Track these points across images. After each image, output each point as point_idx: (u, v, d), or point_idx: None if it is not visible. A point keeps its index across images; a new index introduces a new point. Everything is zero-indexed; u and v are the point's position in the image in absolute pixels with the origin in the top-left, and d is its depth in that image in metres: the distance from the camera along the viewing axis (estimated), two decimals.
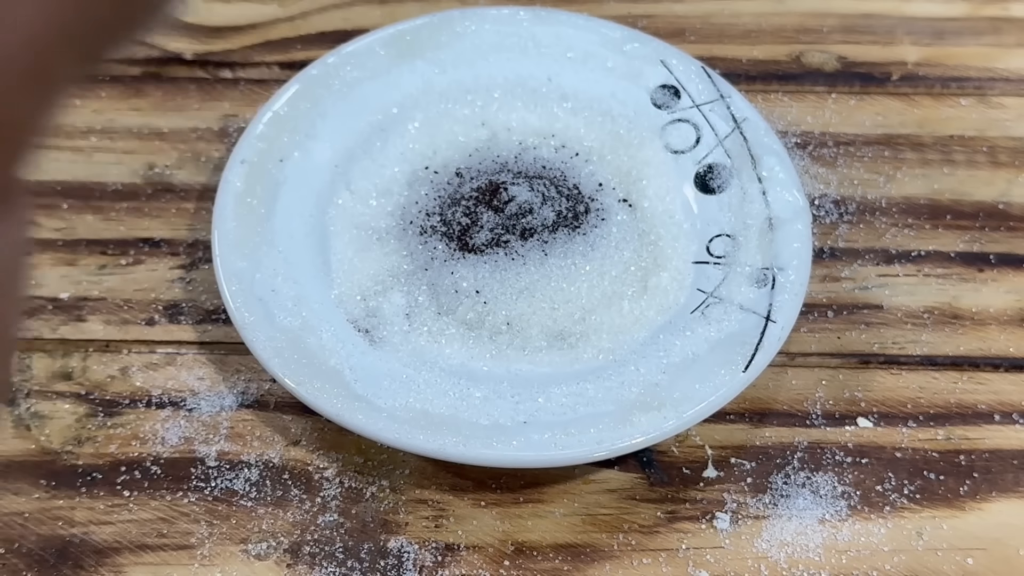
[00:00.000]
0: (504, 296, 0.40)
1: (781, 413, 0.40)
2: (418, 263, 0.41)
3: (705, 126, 0.45)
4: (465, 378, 0.38)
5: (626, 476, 0.38)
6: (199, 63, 0.50)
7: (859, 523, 0.37)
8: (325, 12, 0.52)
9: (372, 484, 0.38)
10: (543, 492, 0.38)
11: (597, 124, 0.46)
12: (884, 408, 0.40)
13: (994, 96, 0.50)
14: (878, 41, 0.52)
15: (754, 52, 0.51)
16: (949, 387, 0.41)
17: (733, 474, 0.38)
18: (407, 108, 0.46)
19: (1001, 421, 0.40)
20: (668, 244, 0.42)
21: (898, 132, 0.48)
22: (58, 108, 0.17)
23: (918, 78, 0.50)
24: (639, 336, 0.40)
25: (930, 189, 0.47)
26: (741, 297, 0.40)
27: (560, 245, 0.42)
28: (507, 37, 0.47)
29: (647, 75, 0.46)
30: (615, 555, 0.36)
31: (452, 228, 0.42)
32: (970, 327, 0.43)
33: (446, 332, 0.40)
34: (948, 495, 0.38)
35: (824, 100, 0.49)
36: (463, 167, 0.45)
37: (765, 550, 0.37)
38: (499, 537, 0.37)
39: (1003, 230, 0.45)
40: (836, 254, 0.44)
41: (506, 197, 0.43)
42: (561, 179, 0.44)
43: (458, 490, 0.38)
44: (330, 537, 0.36)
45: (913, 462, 0.39)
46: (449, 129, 0.45)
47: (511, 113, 0.46)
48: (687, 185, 0.44)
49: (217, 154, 0.46)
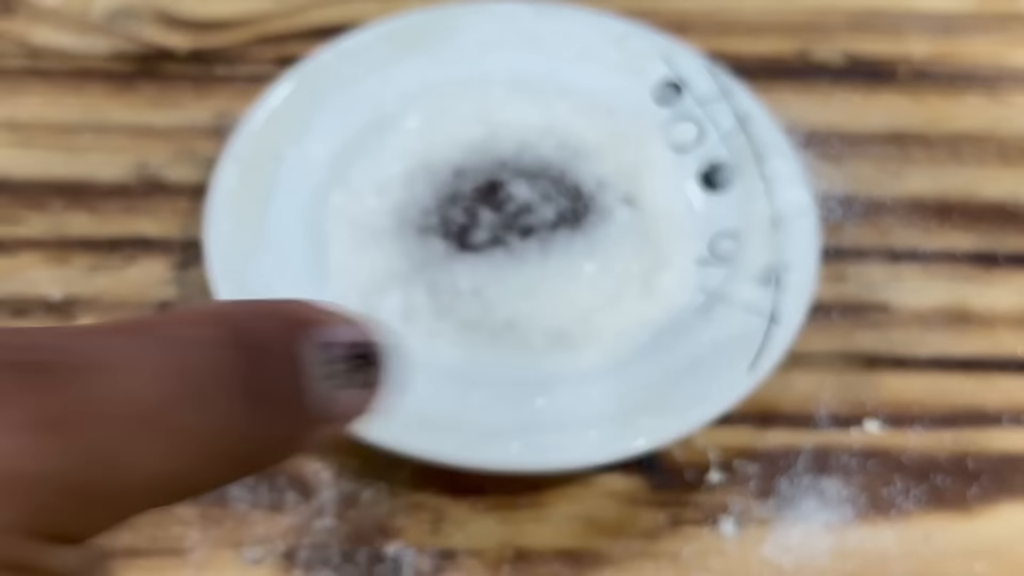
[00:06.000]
0: (504, 296, 0.40)
1: (786, 416, 0.39)
2: (416, 262, 0.41)
3: (708, 123, 0.44)
4: (464, 380, 0.38)
5: (628, 480, 0.38)
6: (193, 59, 0.49)
7: (866, 527, 0.37)
8: (321, 7, 0.51)
9: (369, 488, 0.37)
10: (543, 496, 0.37)
11: (598, 121, 0.45)
12: (891, 410, 0.40)
13: (1003, 93, 0.49)
14: (885, 37, 0.51)
15: (759, 48, 0.51)
16: (957, 389, 0.40)
17: (737, 478, 0.38)
18: (405, 105, 0.45)
19: (1010, 424, 0.40)
20: (670, 243, 0.42)
21: (906, 129, 0.48)
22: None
23: (926, 75, 0.50)
24: (641, 337, 0.39)
25: (938, 187, 0.46)
26: (745, 297, 0.39)
27: (560, 244, 0.41)
28: (507, 32, 0.46)
29: (649, 71, 0.46)
30: (617, 560, 0.36)
31: (450, 227, 0.42)
32: (979, 327, 0.42)
33: (444, 333, 0.39)
34: (956, 499, 0.38)
35: (830, 97, 0.49)
36: (462, 165, 0.44)
37: (770, 555, 0.36)
38: (498, 542, 0.36)
39: (1012, 229, 0.45)
40: (842, 253, 0.44)
41: (505, 195, 0.42)
42: (561, 177, 0.44)
43: (456, 494, 0.37)
44: (326, 542, 0.36)
45: (921, 465, 0.38)
46: (448, 126, 0.45)
47: (511, 110, 0.45)
48: (690, 183, 0.43)
49: (211, 151, 0.46)
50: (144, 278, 0.42)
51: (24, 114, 0.47)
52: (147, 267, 0.42)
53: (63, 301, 0.41)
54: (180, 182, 0.45)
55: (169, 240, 0.43)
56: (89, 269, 0.42)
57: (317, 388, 0.16)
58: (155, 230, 0.43)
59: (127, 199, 0.44)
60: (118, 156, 0.46)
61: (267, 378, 0.16)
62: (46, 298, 0.41)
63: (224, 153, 0.42)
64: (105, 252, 0.43)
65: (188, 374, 0.15)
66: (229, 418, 0.15)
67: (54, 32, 0.50)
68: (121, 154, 0.46)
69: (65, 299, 0.41)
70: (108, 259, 0.43)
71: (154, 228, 0.43)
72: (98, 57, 0.49)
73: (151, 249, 0.43)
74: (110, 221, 0.44)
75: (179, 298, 0.42)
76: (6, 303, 0.41)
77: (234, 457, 0.15)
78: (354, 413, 0.17)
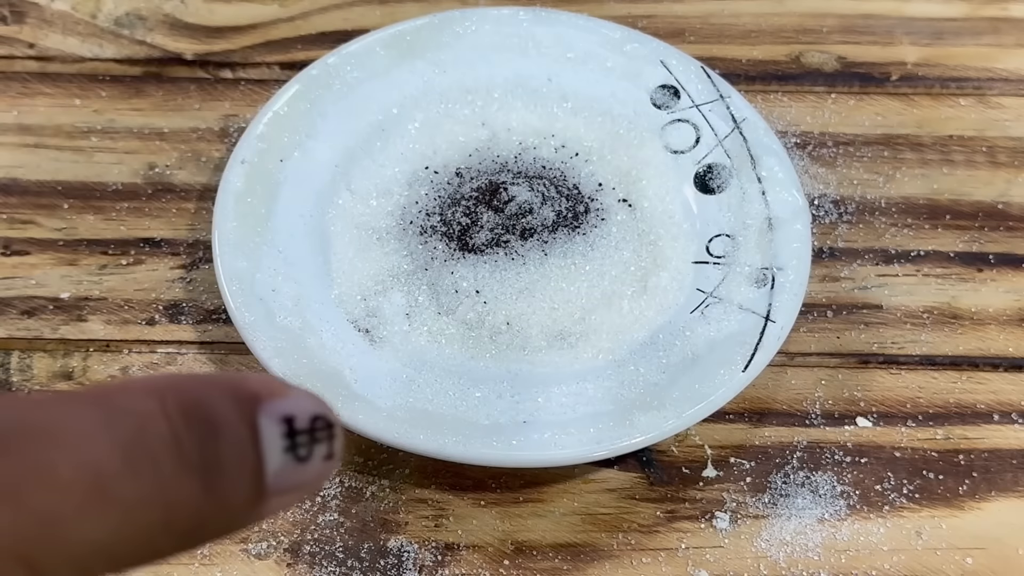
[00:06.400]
0: (504, 296, 0.41)
1: (780, 413, 0.40)
2: (418, 263, 0.41)
3: (705, 126, 0.45)
4: (465, 378, 0.38)
5: (626, 476, 0.38)
6: (200, 63, 0.50)
7: (858, 522, 0.37)
8: (326, 12, 0.52)
9: (372, 483, 0.38)
10: (543, 491, 0.38)
11: (597, 124, 0.46)
12: (883, 408, 0.40)
13: (993, 96, 0.50)
14: (877, 41, 0.52)
15: (754, 52, 0.51)
16: (948, 387, 0.41)
17: (732, 474, 0.38)
18: (407, 108, 0.46)
19: (1000, 421, 0.40)
20: (668, 244, 0.42)
21: (897, 132, 0.48)
22: None
23: (917, 78, 0.50)
24: (639, 336, 0.40)
25: (929, 189, 0.47)
26: (740, 297, 0.40)
27: (560, 245, 0.42)
28: (507, 37, 0.47)
29: (647, 75, 0.46)
30: (615, 554, 0.36)
31: (452, 228, 0.42)
32: (969, 327, 0.43)
33: (446, 332, 0.40)
34: (947, 495, 0.38)
35: (823, 100, 0.49)
36: (463, 167, 0.45)
37: (764, 549, 0.37)
38: (499, 536, 0.37)
39: (1002, 230, 0.45)
40: (835, 254, 0.44)
41: (506, 197, 0.43)
42: (561, 179, 0.44)
43: (458, 489, 0.38)
44: (330, 536, 0.36)
45: (912, 462, 0.39)
46: (449, 129, 0.45)
47: (511, 113, 0.46)
48: (687, 185, 0.44)
49: (218, 154, 0.46)
50: (152, 278, 0.43)
51: (33, 117, 0.47)
52: (155, 267, 0.43)
53: (72, 301, 0.42)
54: (187, 184, 0.45)
55: (177, 241, 0.44)
56: (98, 269, 0.43)
57: (276, 461, 0.16)
58: (163, 231, 0.44)
59: (135, 201, 0.45)
60: (126, 158, 0.46)
61: (221, 451, 0.15)
62: (56, 298, 0.42)
63: (231, 155, 0.42)
64: (113, 253, 0.43)
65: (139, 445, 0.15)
66: (180, 490, 0.15)
67: (63, 36, 0.50)
68: (129, 156, 0.46)
69: (74, 299, 0.42)
70: (117, 259, 0.43)
71: (162, 229, 0.44)
72: (107, 61, 0.49)
73: (159, 250, 0.43)
74: (118, 222, 0.44)
75: (186, 298, 0.42)
76: (16, 303, 0.42)
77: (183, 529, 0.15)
78: (315, 484, 0.17)
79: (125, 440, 0.14)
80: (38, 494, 0.14)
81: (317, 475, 0.16)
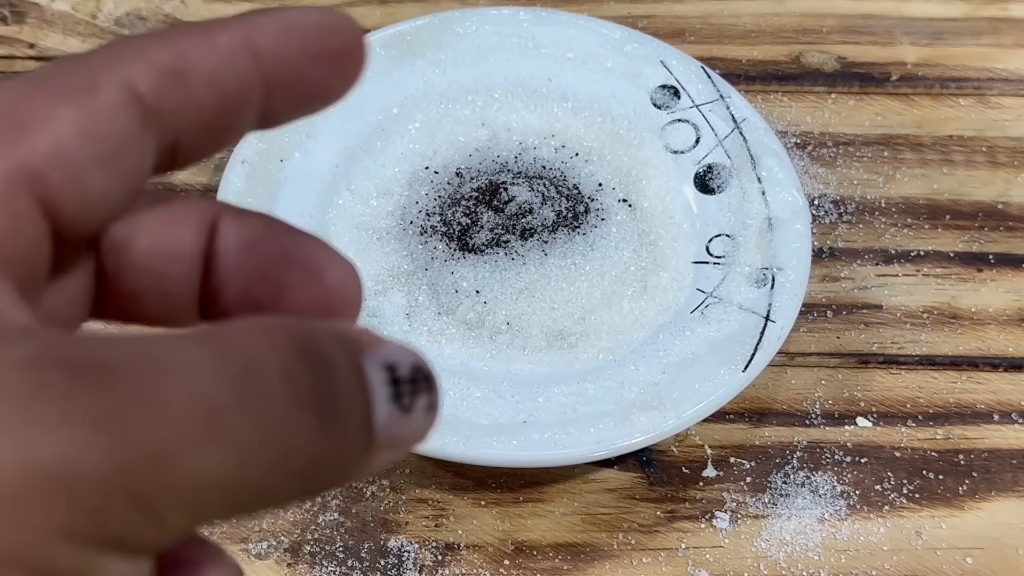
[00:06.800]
0: (504, 296, 0.41)
1: (780, 413, 0.40)
2: (418, 263, 0.41)
3: (705, 126, 0.45)
4: (465, 378, 0.38)
5: (626, 475, 0.38)
6: None
7: (858, 522, 0.37)
8: None
9: (372, 483, 0.38)
10: (543, 491, 0.38)
11: (597, 124, 0.46)
12: (883, 408, 0.40)
13: (993, 96, 0.50)
14: (877, 41, 0.52)
15: (753, 52, 0.51)
16: (948, 387, 0.41)
17: (732, 473, 0.38)
18: (407, 108, 0.46)
19: (1000, 421, 0.40)
20: (668, 244, 0.42)
21: (897, 132, 0.48)
22: None
23: (917, 78, 0.50)
24: (639, 336, 0.40)
25: (929, 189, 0.47)
26: (740, 297, 0.40)
27: (560, 245, 0.42)
28: (507, 38, 0.47)
29: (647, 75, 0.46)
30: (615, 554, 0.36)
31: (452, 228, 0.42)
32: (969, 327, 0.43)
33: (446, 332, 0.40)
34: (947, 494, 0.38)
35: (823, 100, 0.50)
36: (463, 167, 0.45)
37: (764, 549, 0.37)
38: (499, 536, 0.37)
39: (1002, 230, 0.45)
40: (835, 254, 0.44)
41: (506, 197, 0.43)
42: (561, 179, 0.44)
43: (458, 489, 0.38)
44: (330, 536, 0.36)
45: (912, 462, 0.39)
46: (449, 129, 0.46)
47: (511, 113, 0.46)
48: (687, 185, 0.44)
49: (218, 154, 0.46)
50: None
51: None
52: None
53: None
54: (188, 184, 0.45)
55: None
56: None
57: (384, 408, 0.15)
58: None
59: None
60: None
61: (335, 388, 0.15)
62: None
63: (231, 156, 0.42)
64: None
65: (252, 378, 0.14)
66: (295, 427, 0.14)
67: (63, 37, 0.50)
68: None
69: None
70: None
71: None
72: None
73: None
74: None
75: None
76: None
77: (298, 470, 0.14)
78: (417, 438, 0.16)
79: (236, 373, 0.14)
80: (149, 426, 0.13)
81: (420, 427, 0.16)
